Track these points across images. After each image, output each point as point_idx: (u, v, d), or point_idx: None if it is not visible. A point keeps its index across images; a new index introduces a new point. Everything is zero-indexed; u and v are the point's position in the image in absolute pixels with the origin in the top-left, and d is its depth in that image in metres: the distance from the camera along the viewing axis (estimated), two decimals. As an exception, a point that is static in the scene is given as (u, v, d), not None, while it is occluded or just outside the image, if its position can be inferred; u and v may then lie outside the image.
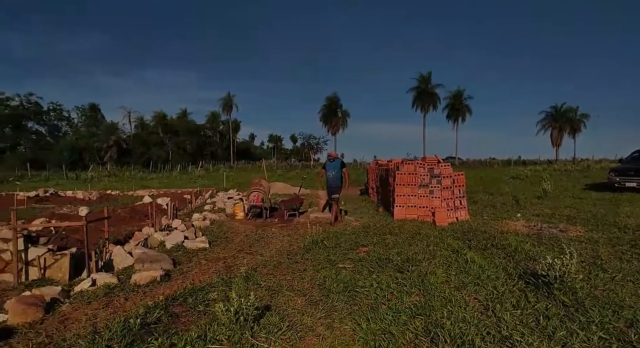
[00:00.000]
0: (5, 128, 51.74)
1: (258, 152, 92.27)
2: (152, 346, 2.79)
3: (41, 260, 4.96)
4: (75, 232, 7.21)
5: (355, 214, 10.06)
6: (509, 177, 23.75)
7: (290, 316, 3.39)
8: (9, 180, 29.59)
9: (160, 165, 50.67)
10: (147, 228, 7.91)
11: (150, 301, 3.82)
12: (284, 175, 33.13)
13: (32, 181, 29.60)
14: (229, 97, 71.33)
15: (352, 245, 6.21)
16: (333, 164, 8.87)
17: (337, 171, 8.78)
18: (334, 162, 8.90)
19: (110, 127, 60.24)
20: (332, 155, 9.20)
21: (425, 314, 3.27)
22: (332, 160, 8.95)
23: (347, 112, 64.28)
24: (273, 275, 4.77)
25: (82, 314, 3.66)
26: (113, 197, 17.23)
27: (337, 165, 8.84)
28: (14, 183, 26.58)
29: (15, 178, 31.24)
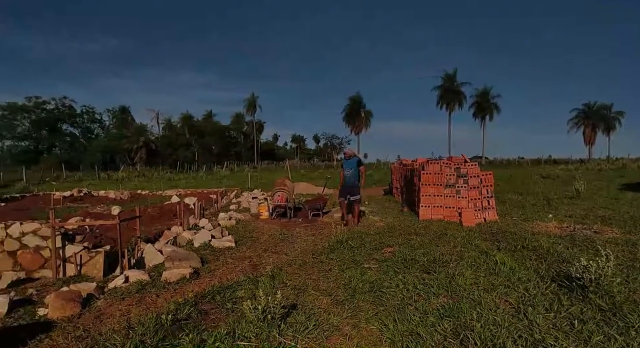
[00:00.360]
0: (42, 131, 54.22)
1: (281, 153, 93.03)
2: (184, 342, 2.87)
3: (77, 257, 5.18)
4: (108, 230, 7.49)
5: (380, 214, 9.99)
6: (539, 176, 23.00)
7: (317, 315, 3.40)
8: (46, 180, 31.01)
9: (187, 165, 51.89)
10: (175, 227, 8.12)
11: (180, 298, 3.91)
12: (307, 175, 33.29)
13: (67, 181, 30.92)
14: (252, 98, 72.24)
15: (377, 245, 6.18)
16: (349, 162, 8.52)
17: (353, 169, 8.43)
18: (351, 160, 8.54)
19: (140, 129, 62.17)
20: (349, 153, 8.77)
21: (454, 316, 3.22)
22: (348, 158, 8.60)
23: (370, 111, 63.97)
24: (298, 275, 4.80)
25: (116, 310, 3.80)
26: (143, 197, 17.78)
27: (353, 163, 8.47)
28: (50, 184, 27.84)
29: (51, 178, 32.70)
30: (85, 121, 59.61)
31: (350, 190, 8.38)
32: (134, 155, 56.23)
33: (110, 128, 63.64)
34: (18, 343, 3.04)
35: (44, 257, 5.12)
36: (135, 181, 31.50)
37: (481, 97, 58.95)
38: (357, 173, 8.42)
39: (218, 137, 68.61)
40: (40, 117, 53.43)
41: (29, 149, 53.17)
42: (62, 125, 56.60)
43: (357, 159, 8.59)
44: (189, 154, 62.25)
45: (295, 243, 6.92)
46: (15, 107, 52.21)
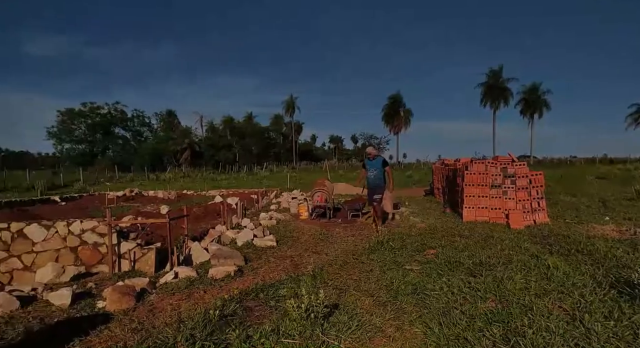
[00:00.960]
0: (96, 134, 57.90)
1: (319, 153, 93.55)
2: (230, 337, 2.96)
3: (131, 253, 5.50)
4: (158, 228, 7.88)
5: (421, 215, 9.80)
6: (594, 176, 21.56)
7: (359, 315, 3.40)
8: (101, 181, 33.09)
9: (228, 166, 53.48)
10: (219, 226, 8.40)
11: (226, 294, 4.04)
12: (346, 176, 33.23)
13: (120, 182, 32.82)
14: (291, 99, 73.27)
15: (419, 246, 6.06)
16: (374, 163, 7.94)
17: (378, 170, 7.87)
18: (375, 161, 7.95)
19: (185, 131, 64.85)
20: (372, 153, 8.06)
21: (503, 321, 3.10)
22: (372, 159, 7.98)
23: (410, 110, 62.80)
24: (339, 275, 4.82)
25: (167, 304, 3.99)
26: (188, 197, 18.52)
27: (378, 163, 7.91)
28: (105, 184, 29.67)
29: (105, 179, 34.86)
30: (135, 125, 63.01)
31: (376, 190, 7.99)
32: (180, 157, 58.75)
33: (158, 131, 66.85)
34: (80, 332, 3.27)
35: (102, 253, 5.47)
36: (181, 181, 32.88)
37: (529, 94, 56.19)
38: (382, 174, 7.92)
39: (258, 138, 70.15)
40: (95, 121, 57.10)
41: (85, 152, 56.97)
42: (114, 128, 60.17)
43: (382, 159, 8.03)
44: (230, 155, 64.12)
45: (335, 244, 6.94)
46: (73, 112, 56.15)
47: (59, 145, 57.61)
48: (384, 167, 7.88)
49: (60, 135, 56.12)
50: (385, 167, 7.88)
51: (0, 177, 27.31)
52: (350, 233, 7.81)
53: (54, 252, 5.37)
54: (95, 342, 3.09)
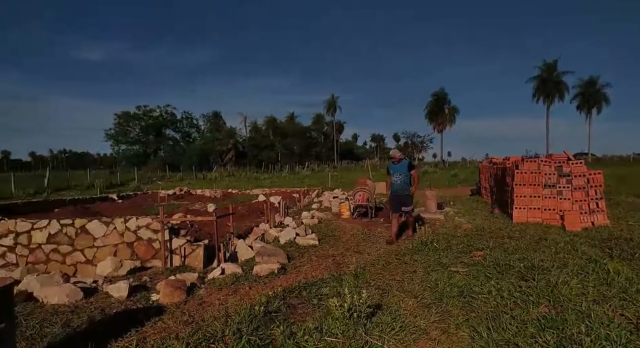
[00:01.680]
0: (149, 136, 61.33)
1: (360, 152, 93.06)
2: (275, 333, 3.03)
3: (182, 249, 5.77)
4: (205, 225, 8.20)
5: (467, 216, 9.47)
6: (662, 175, 19.75)
7: (403, 317, 3.35)
8: (153, 180, 34.98)
9: (271, 165, 54.58)
10: (263, 225, 8.60)
11: (270, 291, 4.13)
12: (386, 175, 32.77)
13: (170, 181, 34.52)
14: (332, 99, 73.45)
15: (465, 248, 5.87)
16: (399, 167, 7.06)
17: (404, 175, 7.01)
18: (400, 164, 7.06)
19: (230, 132, 67.01)
20: (397, 156, 7.12)
21: (558, 328, 2.93)
22: (396, 162, 7.10)
23: (455, 108, 60.73)
24: (382, 275, 4.77)
25: (215, 299, 4.16)
26: (233, 195, 19.11)
27: (403, 167, 7.03)
28: (157, 183, 31.34)
29: (157, 178, 36.82)
30: (184, 126, 66.03)
31: (403, 200, 7.09)
32: (225, 157, 60.79)
33: (205, 132, 69.53)
34: (137, 323, 3.49)
35: (155, 248, 5.80)
36: (226, 181, 34.00)
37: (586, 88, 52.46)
38: (409, 179, 7.06)
39: (299, 137, 71.00)
40: (148, 123, 60.50)
41: (139, 152, 60.48)
42: (165, 130, 63.42)
43: (408, 162, 7.16)
44: (273, 155, 65.39)
45: (377, 243, 6.89)
46: (128, 115, 59.82)
47: (116, 146, 61.68)
48: (410, 171, 7.03)
49: (117, 136, 59.97)
50: (411, 171, 7.05)
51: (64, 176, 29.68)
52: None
53: (113, 247, 5.76)
54: (150, 332, 3.28)
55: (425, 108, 61.68)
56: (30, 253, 5.73)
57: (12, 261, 5.71)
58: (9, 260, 5.72)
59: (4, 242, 5.76)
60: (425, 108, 61.68)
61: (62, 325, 3.49)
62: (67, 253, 5.71)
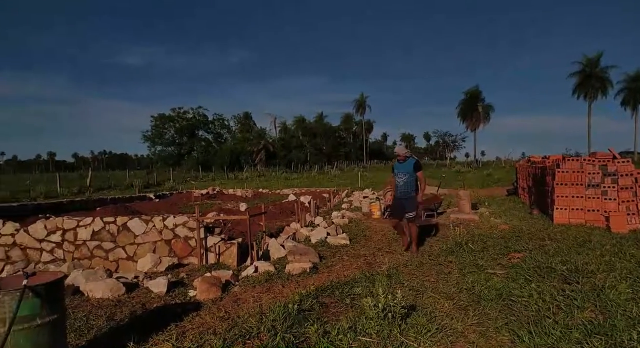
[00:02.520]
0: (183, 137, 63.31)
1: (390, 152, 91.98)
2: (309, 331, 3.05)
3: (217, 247, 5.91)
4: (237, 224, 8.37)
5: (504, 217, 9.17)
6: None
7: (439, 319, 3.28)
8: (187, 180, 36.06)
9: (301, 166, 54.97)
10: (294, 224, 8.67)
11: (303, 290, 4.16)
12: (419, 175, 32.22)
13: (203, 181, 35.47)
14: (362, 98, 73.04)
15: (502, 250, 5.68)
16: (404, 166, 6.15)
17: (409, 176, 6.09)
18: (406, 163, 6.15)
19: (260, 133, 68.09)
20: (402, 154, 6.21)
21: (606, 334, 2.78)
22: (402, 161, 6.21)
23: (490, 106, 58.80)
24: (415, 276, 4.70)
25: (249, 296, 4.23)
26: (264, 195, 19.40)
27: (409, 167, 6.11)
28: (190, 183, 32.27)
29: (191, 178, 37.93)
30: (216, 127, 67.71)
31: (406, 203, 6.13)
32: (255, 157, 61.80)
33: (236, 133, 70.98)
34: (176, 318, 3.60)
35: (191, 246, 5.97)
36: (257, 181, 34.55)
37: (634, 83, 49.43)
38: (415, 180, 6.12)
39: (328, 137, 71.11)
40: (182, 125, 62.49)
41: (174, 153, 62.56)
42: (198, 132, 65.27)
43: (415, 162, 6.20)
44: (302, 155, 65.85)
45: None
46: (164, 117, 62.03)
47: (152, 147, 64.15)
48: (417, 171, 6.09)
49: (153, 138, 62.32)
50: (417, 171, 6.10)
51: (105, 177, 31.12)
52: (425, 234, 7.56)
53: (152, 244, 5.97)
54: (189, 327, 3.38)
55: (458, 106, 60.15)
56: (76, 250, 6.04)
57: (60, 257, 6.05)
58: (57, 256, 6.05)
59: (52, 238, 6.11)
60: (458, 106, 60.15)
61: (106, 319, 3.66)
62: (109, 250, 5.98)
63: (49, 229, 6.13)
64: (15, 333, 2.29)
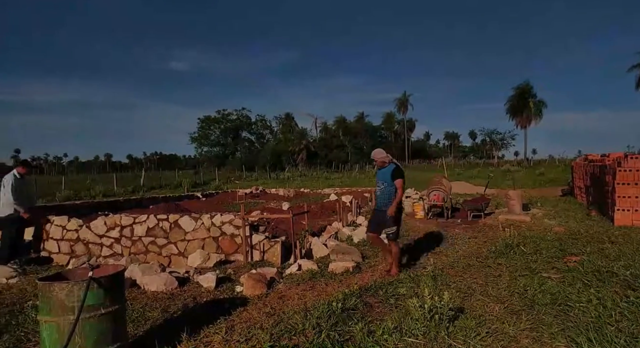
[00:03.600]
0: (227, 138, 65.43)
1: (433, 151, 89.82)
2: (354, 330, 3.05)
3: (261, 245, 6.07)
4: (280, 222, 8.51)
5: (558, 218, 8.66)
6: None
7: (488, 322, 3.17)
8: (231, 179, 37.19)
9: (341, 165, 54.96)
10: (336, 223, 8.69)
11: (346, 289, 4.17)
12: (463, 174, 31.19)
13: (246, 181, 36.41)
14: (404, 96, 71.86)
15: (557, 252, 5.37)
16: (383, 173, 5.14)
17: (386, 184, 5.06)
18: (384, 170, 5.13)
19: (301, 133, 68.90)
20: (377, 159, 5.18)
21: (678, 347, 2.56)
22: (381, 166, 5.19)
23: (542, 101, 55.52)
24: (462, 277, 4.56)
25: (293, 293, 4.31)
26: (305, 195, 19.58)
27: (387, 174, 5.07)
28: (234, 182, 33.25)
29: (235, 178, 39.08)
30: (259, 128, 69.42)
31: (382, 218, 5.08)
32: (296, 157, 62.58)
33: (278, 133, 72.27)
34: (224, 312, 3.75)
35: (237, 243, 6.17)
36: (298, 180, 34.93)
37: None
38: (394, 190, 5.01)
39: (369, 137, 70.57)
40: (226, 126, 64.63)
41: (219, 154, 64.83)
42: (242, 132, 67.18)
43: (393, 168, 5.09)
44: (343, 154, 65.80)
45: (455, 245, 6.59)
46: (209, 119, 64.47)
47: (199, 148, 66.82)
48: (394, 179, 5.00)
49: (200, 139, 64.92)
50: (395, 180, 5.00)
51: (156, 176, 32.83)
52: (472, 235, 7.32)
53: (200, 241, 6.24)
54: (237, 321, 3.50)
55: (507, 103, 57.34)
56: (132, 245, 6.44)
57: (118, 251, 6.47)
58: (116, 251, 6.48)
59: (111, 234, 6.55)
60: (507, 103, 57.34)
61: (161, 310, 3.87)
62: (162, 245, 6.32)
63: (108, 225, 6.57)
64: (82, 321, 2.49)
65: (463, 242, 6.78)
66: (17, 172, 6.20)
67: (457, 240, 6.96)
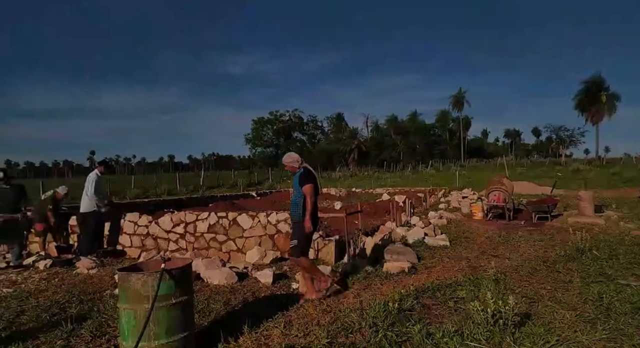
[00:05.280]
0: (280, 138, 66.96)
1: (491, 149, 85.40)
2: (412, 331, 3.01)
3: (315, 243, 6.15)
4: (332, 222, 8.56)
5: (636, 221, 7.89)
6: None
7: (558, 330, 2.97)
8: (284, 179, 38.06)
9: (393, 165, 54.06)
10: (389, 223, 8.59)
11: (402, 289, 4.11)
12: (526, 174, 29.35)
13: (298, 180, 37.01)
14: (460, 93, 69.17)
15: (636, 258, 4.90)
16: (294, 180, 4.53)
17: (296, 192, 4.44)
18: (295, 176, 4.52)
19: (352, 133, 68.75)
20: (286, 164, 4.60)
21: None
22: (292, 173, 4.62)
23: (615, 94, 50.58)
24: (528, 282, 4.32)
25: (348, 292, 4.32)
26: (357, 194, 19.54)
27: (295, 181, 4.48)
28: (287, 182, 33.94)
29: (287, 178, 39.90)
30: (310, 128, 70.24)
31: (293, 229, 4.53)
32: (347, 157, 62.53)
33: (329, 133, 72.69)
34: (282, 307, 3.85)
35: (292, 241, 6.31)
36: (349, 180, 34.97)
37: None
38: (302, 198, 4.33)
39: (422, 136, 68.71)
40: (279, 127, 66.17)
41: (272, 154, 66.51)
42: (294, 133, 68.43)
43: (300, 173, 4.47)
44: (395, 154, 64.69)
45: (518, 248, 6.25)
46: (262, 120, 66.38)
47: (253, 149, 69.08)
48: (301, 186, 4.36)
49: (253, 140, 67.08)
50: (302, 186, 4.35)
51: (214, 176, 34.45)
52: (538, 238, 6.89)
53: (257, 238, 6.46)
54: (294, 317, 3.59)
55: (575, 97, 52.95)
56: (195, 240, 6.82)
57: (183, 246, 6.89)
58: (181, 246, 6.91)
59: (177, 230, 6.99)
60: (575, 97, 52.95)
61: (223, 303, 4.06)
62: (222, 241, 6.63)
63: (174, 222, 7.02)
64: (156, 310, 2.69)
65: (528, 245, 6.41)
66: (98, 171, 6.82)
67: (520, 243, 6.59)
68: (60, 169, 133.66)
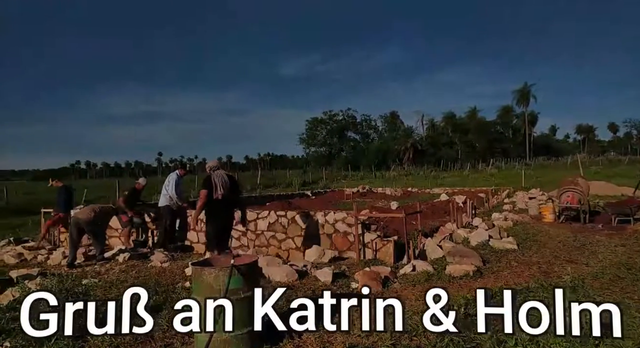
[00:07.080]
0: (333, 138, 67.28)
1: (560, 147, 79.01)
2: (482, 338, 2.88)
3: (373, 243, 6.12)
4: (390, 222, 8.43)
5: None
6: None
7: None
8: (337, 178, 38.22)
9: (450, 164, 52.05)
10: (449, 224, 8.30)
11: (467, 294, 3.95)
12: (602, 173, 26.84)
13: (352, 180, 37.00)
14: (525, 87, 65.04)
15: None
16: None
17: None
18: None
19: (407, 131, 67.26)
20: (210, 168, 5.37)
21: None
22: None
23: None
24: (610, 291, 3.97)
25: (410, 293, 4.24)
26: (413, 194, 19.11)
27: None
28: (341, 181, 34.08)
29: (341, 177, 40.04)
30: (364, 128, 69.85)
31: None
32: (402, 156, 61.24)
33: (383, 132, 71.70)
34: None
35: (349, 241, 6.31)
36: (404, 179, 34.23)
37: None
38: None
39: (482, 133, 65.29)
40: (332, 127, 66.55)
41: (325, 154, 67.04)
42: (347, 132, 68.45)
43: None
44: (452, 152, 62.20)
45: (597, 254, 5.75)
46: (316, 120, 67.16)
47: (307, 148, 70.13)
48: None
49: (307, 140, 68.09)
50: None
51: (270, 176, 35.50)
52: (619, 243, 6.30)
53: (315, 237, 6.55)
54: (356, 316, 3.58)
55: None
56: (256, 238, 7.07)
57: (245, 244, 7.17)
58: (243, 243, 7.19)
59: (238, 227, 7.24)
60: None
61: (285, 300, 4.16)
62: (282, 239, 6.80)
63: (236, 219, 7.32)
64: (227, 303, 2.83)
65: (608, 250, 5.87)
66: (179, 172, 7.47)
67: (599, 248, 6.05)
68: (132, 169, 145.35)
